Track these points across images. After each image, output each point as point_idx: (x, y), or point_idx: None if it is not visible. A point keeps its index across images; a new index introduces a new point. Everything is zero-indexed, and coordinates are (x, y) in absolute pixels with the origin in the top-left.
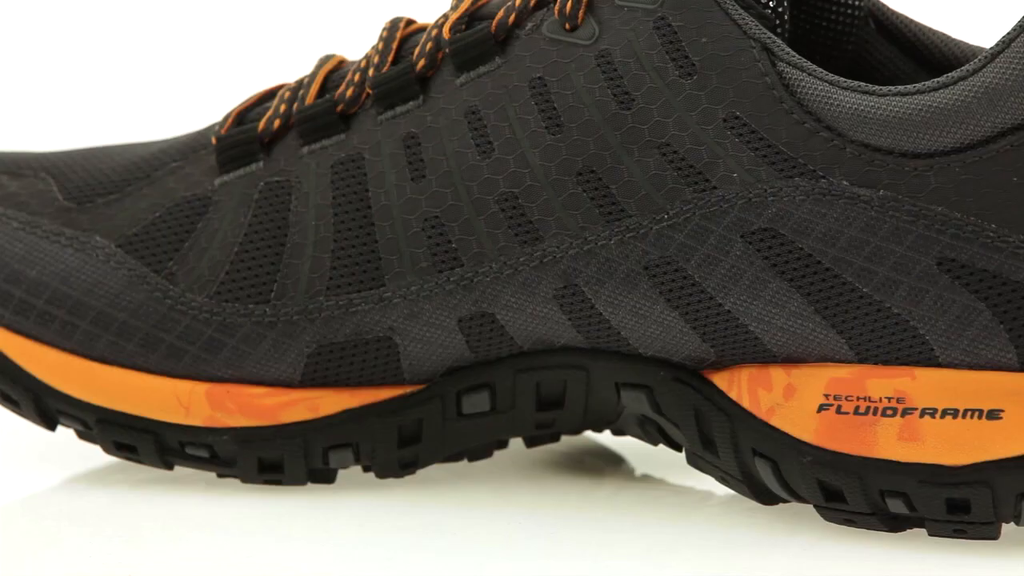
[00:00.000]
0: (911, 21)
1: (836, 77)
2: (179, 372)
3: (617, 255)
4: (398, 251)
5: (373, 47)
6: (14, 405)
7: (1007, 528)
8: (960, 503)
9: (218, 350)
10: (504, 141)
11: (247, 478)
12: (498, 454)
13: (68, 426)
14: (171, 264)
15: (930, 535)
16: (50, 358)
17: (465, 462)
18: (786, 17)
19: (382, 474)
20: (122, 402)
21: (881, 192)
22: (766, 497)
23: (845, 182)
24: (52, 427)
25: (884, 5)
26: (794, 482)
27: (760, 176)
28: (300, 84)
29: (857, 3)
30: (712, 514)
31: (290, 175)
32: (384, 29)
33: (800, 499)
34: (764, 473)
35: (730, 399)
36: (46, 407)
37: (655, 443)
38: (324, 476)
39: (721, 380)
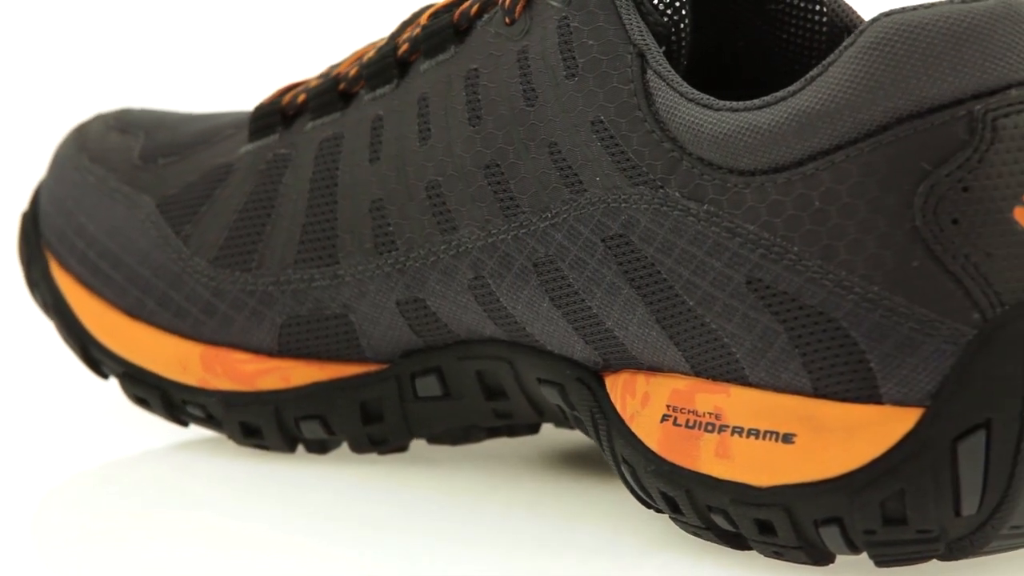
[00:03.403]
0: None
1: (688, 89)
2: (184, 332)
3: (513, 250)
4: (351, 231)
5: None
6: (71, 349)
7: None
8: (767, 525)
9: (212, 314)
10: (438, 129)
11: (237, 441)
12: (524, 443)
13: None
14: (188, 227)
15: (763, 555)
16: (95, 308)
17: (476, 446)
18: (683, 25)
19: (356, 449)
20: (139, 356)
21: (706, 206)
22: (643, 503)
23: (677, 193)
24: (103, 375)
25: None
26: (647, 490)
27: (615, 182)
28: (339, 63)
29: (819, 18)
30: None
31: (293, 149)
32: (412, 14)
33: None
34: (629, 479)
35: (611, 402)
36: (91, 356)
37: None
38: (317, 447)
39: (609, 383)
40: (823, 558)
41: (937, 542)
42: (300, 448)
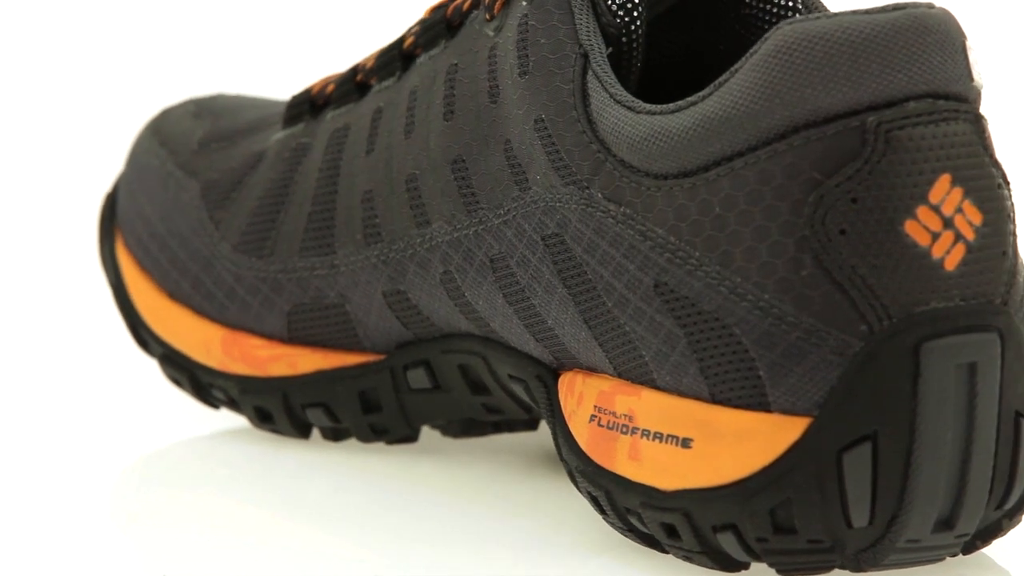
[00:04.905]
0: None
1: (619, 90)
2: (211, 315)
3: (474, 245)
4: (347, 222)
5: None
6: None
7: None
8: (671, 528)
9: (233, 299)
10: (420, 123)
11: (255, 425)
12: (533, 438)
13: None
14: (219, 212)
15: (678, 558)
16: (145, 289)
17: (485, 440)
18: (634, 27)
19: (362, 438)
20: (174, 338)
21: (623, 208)
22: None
23: (600, 194)
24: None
25: None
26: (580, 489)
27: (552, 181)
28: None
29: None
30: None
31: (313, 138)
32: None
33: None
34: (569, 477)
35: (559, 402)
36: (141, 336)
37: None
38: (331, 434)
39: (559, 382)
40: (731, 564)
41: (831, 552)
42: (317, 436)
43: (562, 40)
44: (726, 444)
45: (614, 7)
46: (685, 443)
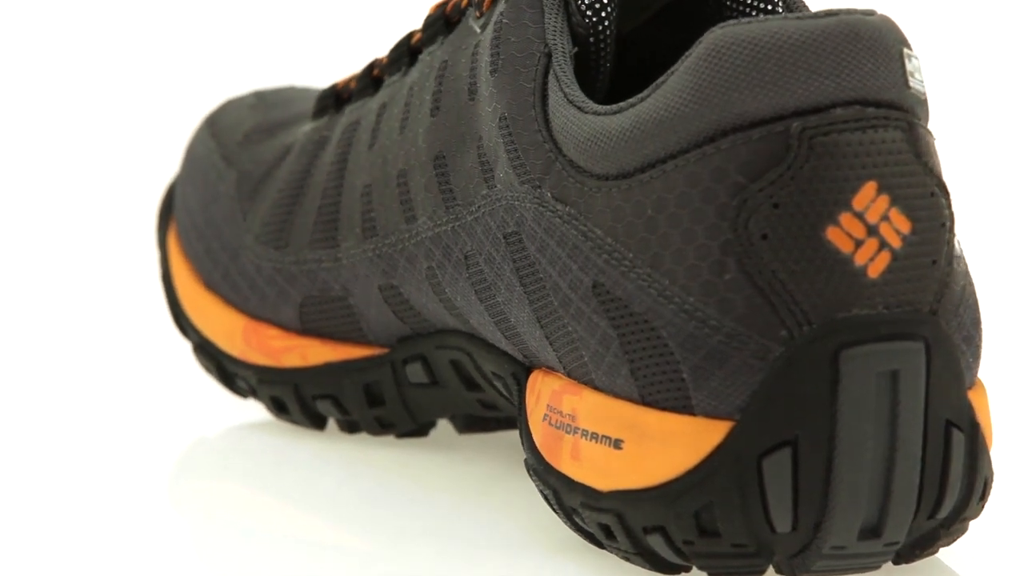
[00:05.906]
0: None
1: (573, 90)
2: (236, 304)
3: (452, 242)
4: (349, 215)
5: None
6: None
7: None
8: (607, 529)
9: (254, 289)
10: (413, 119)
11: (274, 415)
12: None
13: None
14: (247, 203)
15: (620, 559)
16: (186, 277)
17: (502, 434)
18: (601, 28)
19: (371, 431)
20: (204, 326)
21: (568, 208)
22: None
23: (549, 194)
24: None
25: None
26: (536, 487)
27: (511, 180)
28: None
29: None
30: None
31: (331, 132)
32: None
33: None
34: (528, 474)
35: (525, 399)
36: (181, 324)
37: None
38: (346, 426)
39: (528, 379)
40: (666, 567)
41: (758, 557)
42: (334, 428)
43: (530, 39)
44: (654, 446)
45: (583, 7)
46: (617, 444)
